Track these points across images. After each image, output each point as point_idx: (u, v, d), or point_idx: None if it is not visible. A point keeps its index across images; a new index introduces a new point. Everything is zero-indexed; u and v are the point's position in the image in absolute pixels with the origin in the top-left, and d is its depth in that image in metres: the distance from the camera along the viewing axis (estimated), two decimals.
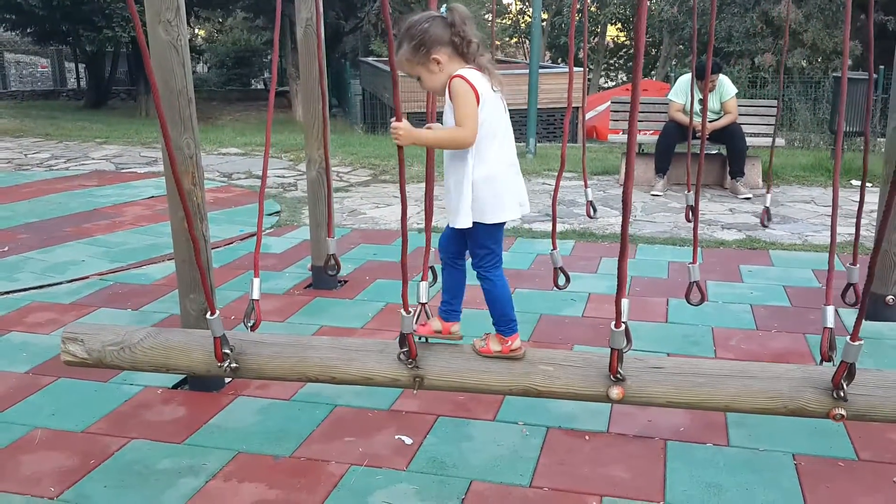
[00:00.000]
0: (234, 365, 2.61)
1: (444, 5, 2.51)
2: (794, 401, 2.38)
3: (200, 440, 3.14)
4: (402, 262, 2.42)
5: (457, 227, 2.52)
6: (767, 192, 3.73)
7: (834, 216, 2.79)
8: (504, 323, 2.62)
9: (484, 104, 2.43)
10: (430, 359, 2.57)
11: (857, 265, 3.07)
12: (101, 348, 2.75)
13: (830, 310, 2.57)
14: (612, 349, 2.39)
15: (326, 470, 2.92)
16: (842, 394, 2.32)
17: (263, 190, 3.01)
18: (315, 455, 3.02)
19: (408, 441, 3.11)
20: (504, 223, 2.61)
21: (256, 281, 2.87)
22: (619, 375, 2.41)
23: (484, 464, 2.95)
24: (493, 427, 3.22)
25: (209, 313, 2.57)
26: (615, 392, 2.43)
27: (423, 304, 2.74)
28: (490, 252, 2.61)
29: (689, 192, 3.72)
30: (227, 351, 2.61)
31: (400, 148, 2.37)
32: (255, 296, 2.87)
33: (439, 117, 2.60)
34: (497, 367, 2.54)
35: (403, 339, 2.53)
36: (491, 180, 2.49)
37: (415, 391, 2.59)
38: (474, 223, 2.51)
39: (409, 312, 2.45)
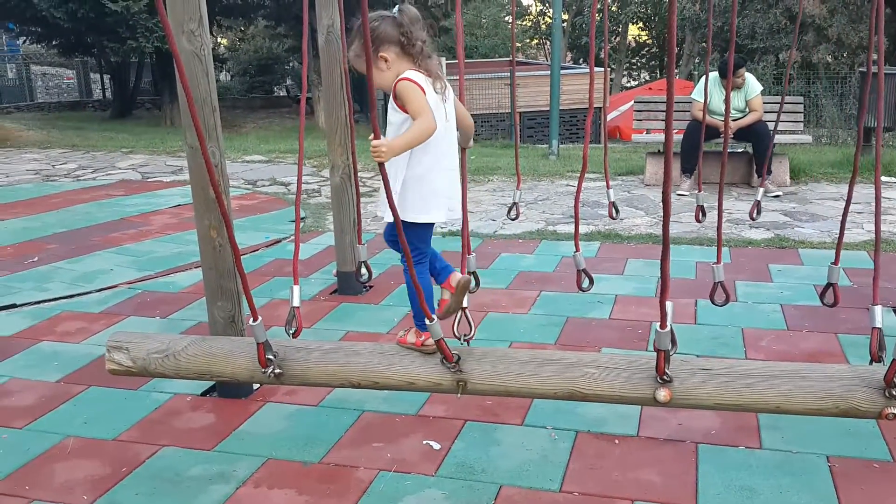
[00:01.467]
0: (277, 371, 2.61)
1: (396, 7, 2.58)
2: (845, 401, 2.33)
3: (230, 447, 3.16)
4: (411, 274, 2.38)
5: (384, 219, 2.62)
6: (760, 186, 3.68)
7: (877, 212, 2.69)
8: (420, 318, 2.63)
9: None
10: (472, 363, 2.54)
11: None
12: (145, 356, 2.77)
13: (878, 309, 2.51)
14: (658, 350, 2.35)
15: (355, 476, 2.92)
16: (895, 392, 2.28)
17: (299, 199, 3.02)
18: (344, 461, 3.02)
19: (436, 446, 3.11)
20: (431, 224, 2.66)
21: (296, 288, 2.88)
22: (666, 377, 2.38)
23: (513, 469, 2.93)
24: (522, 431, 3.20)
25: (251, 319, 2.58)
26: (662, 394, 2.38)
27: (463, 309, 2.70)
28: (414, 249, 2.63)
29: (699, 191, 3.69)
30: (271, 357, 2.61)
31: (381, 165, 2.29)
32: (296, 303, 2.88)
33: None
34: (541, 371, 2.50)
35: (437, 347, 2.51)
36: (421, 181, 2.56)
37: (458, 395, 2.57)
38: (407, 221, 2.57)
39: (431, 320, 2.43)
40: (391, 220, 2.47)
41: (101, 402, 3.59)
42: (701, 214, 3.81)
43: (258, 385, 3.64)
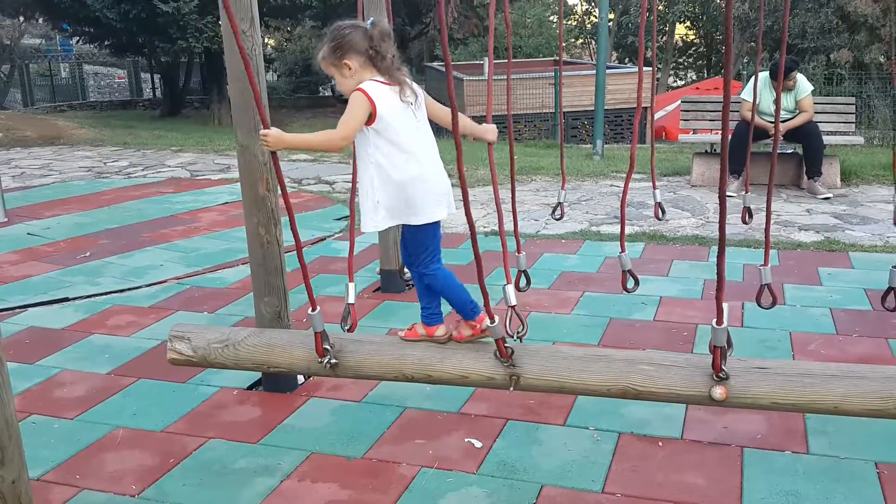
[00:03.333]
0: (333, 361, 2.66)
1: (371, 19, 2.67)
2: None
3: (275, 440, 3.21)
4: (479, 279, 2.42)
5: (380, 229, 2.71)
6: (746, 192, 3.62)
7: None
8: (467, 309, 2.70)
9: (381, 117, 2.56)
10: (525, 357, 2.55)
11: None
12: (206, 346, 2.83)
13: None
14: (714, 347, 2.33)
15: (398, 472, 2.94)
16: None
17: (353, 197, 3.05)
18: (386, 457, 3.05)
19: (477, 444, 3.12)
20: (431, 224, 2.71)
21: (351, 285, 2.92)
22: (722, 375, 2.35)
23: (555, 468, 2.93)
24: (564, 432, 3.20)
25: (310, 309, 2.63)
26: (718, 392, 2.36)
27: (512, 307, 2.71)
28: (425, 249, 2.73)
29: (746, 192, 3.64)
30: (328, 347, 2.66)
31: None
32: (351, 300, 2.92)
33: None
34: (595, 367, 2.50)
35: (495, 345, 2.53)
36: (406, 186, 2.61)
37: (510, 389, 2.58)
38: (402, 226, 2.70)
39: (493, 321, 2.45)
40: (384, 227, 2.67)
41: (149, 394, 3.67)
42: (747, 216, 3.75)
43: (303, 380, 3.69)
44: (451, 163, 2.38)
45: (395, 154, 2.60)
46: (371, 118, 2.55)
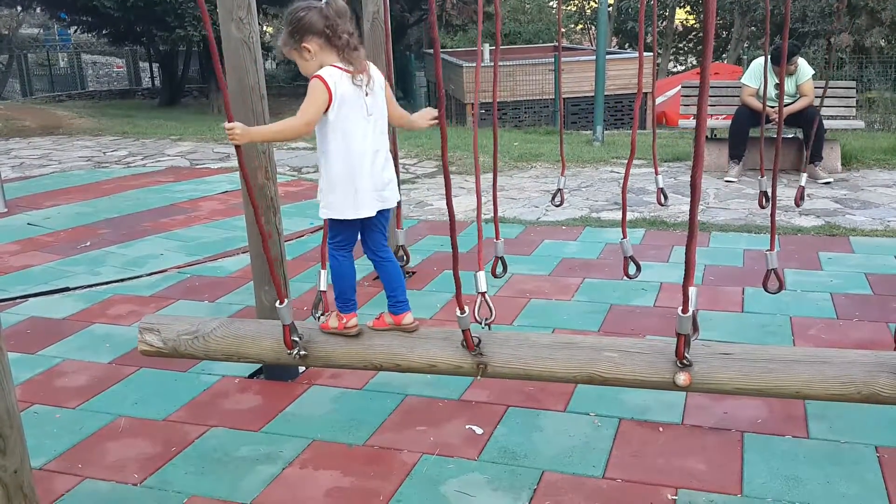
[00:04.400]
0: (303, 352, 2.66)
1: None
2: (868, 386, 2.29)
3: (277, 428, 3.22)
4: (454, 270, 2.42)
5: (320, 216, 2.74)
6: (762, 176, 3.60)
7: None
8: (343, 301, 2.74)
9: (341, 104, 2.55)
10: (493, 346, 2.56)
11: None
12: (175, 337, 2.83)
13: None
14: (678, 334, 2.34)
15: (399, 458, 2.95)
16: None
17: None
18: (387, 444, 3.06)
19: (478, 431, 3.12)
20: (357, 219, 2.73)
21: (324, 273, 2.92)
22: (685, 361, 2.37)
23: (555, 454, 2.94)
24: (564, 418, 3.20)
25: (278, 302, 2.63)
26: (682, 378, 2.38)
27: (482, 294, 2.72)
28: (339, 234, 2.78)
29: (762, 177, 3.61)
30: (296, 339, 2.66)
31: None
32: (323, 287, 2.93)
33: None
34: (561, 355, 2.52)
35: (463, 336, 2.54)
36: (348, 179, 2.63)
37: (478, 378, 2.60)
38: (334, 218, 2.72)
39: (463, 312, 2.46)
40: (324, 216, 2.72)
41: (151, 383, 3.67)
42: (764, 200, 3.71)
43: (304, 368, 3.70)
44: (452, 148, 2.37)
45: (346, 142, 2.61)
46: (328, 105, 2.54)
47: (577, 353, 2.52)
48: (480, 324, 2.66)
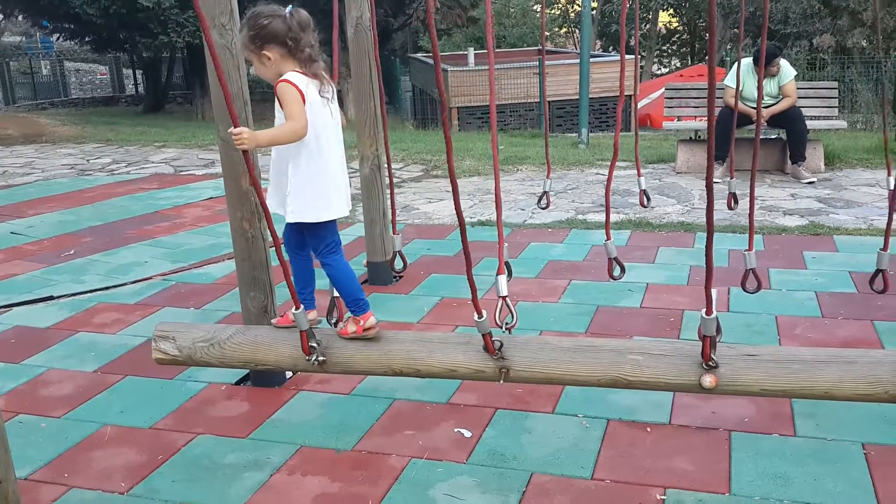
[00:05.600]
0: (321, 358, 2.65)
1: (290, 6, 2.65)
2: None
3: (264, 434, 3.20)
4: (468, 272, 2.42)
5: (288, 221, 2.75)
6: (731, 178, 3.64)
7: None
8: (353, 303, 2.75)
9: (311, 108, 2.61)
10: (514, 350, 2.55)
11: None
12: (191, 345, 2.81)
13: None
14: (703, 336, 2.34)
15: (387, 463, 2.94)
16: None
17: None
18: (376, 448, 3.05)
19: (467, 434, 3.12)
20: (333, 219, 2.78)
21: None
22: (712, 363, 2.36)
23: (544, 456, 2.94)
24: (553, 420, 3.21)
25: (294, 308, 2.62)
26: (708, 380, 2.36)
27: (503, 298, 2.71)
28: (322, 240, 2.79)
29: (731, 178, 3.65)
30: (314, 345, 2.65)
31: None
32: (336, 293, 2.92)
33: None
34: (584, 358, 2.50)
35: (483, 340, 2.53)
36: (321, 180, 2.68)
37: (500, 382, 2.58)
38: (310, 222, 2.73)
39: (481, 316, 2.44)
40: (291, 220, 2.71)
41: (137, 391, 3.65)
42: (733, 202, 3.77)
43: (291, 374, 3.68)
44: (437, 154, 2.37)
45: (316, 148, 2.65)
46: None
47: (600, 356, 2.50)
48: (502, 328, 2.66)
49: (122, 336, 4.30)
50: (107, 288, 5.14)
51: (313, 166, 2.65)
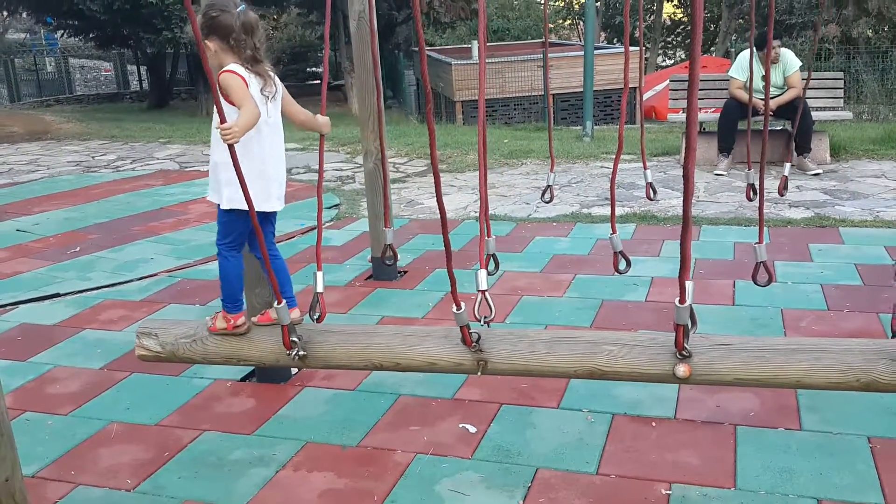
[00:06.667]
0: (301, 353, 2.65)
1: (243, 5, 2.68)
2: (866, 374, 2.30)
3: (270, 431, 3.21)
4: (448, 267, 2.43)
5: (222, 207, 2.75)
6: (749, 169, 3.61)
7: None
8: (231, 301, 2.80)
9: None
10: (493, 342, 2.56)
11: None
12: (174, 341, 2.82)
13: None
14: (676, 325, 2.34)
15: (393, 459, 2.95)
16: None
17: (321, 184, 3.04)
18: (381, 444, 3.06)
19: (472, 429, 3.12)
20: (249, 215, 2.72)
21: (320, 274, 2.91)
22: (685, 352, 2.36)
23: (549, 451, 2.94)
24: (557, 415, 3.21)
25: (276, 302, 2.62)
26: (682, 370, 2.37)
27: (482, 292, 2.71)
28: (233, 231, 2.81)
29: (749, 170, 3.63)
30: (296, 339, 2.66)
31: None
32: (320, 289, 2.91)
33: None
34: (560, 349, 2.51)
35: (460, 332, 2.54)
36: (260, 174, 2.70)
37: (478, 374, 2.59)
38: (230, 209, 2.73)
39: (460, 309, 2.45)
40: (225, 207, 2.73)
41: (143, 388, 3.66)
42: (752, 192, 3.72)
43: (296, 370, 3.69)
44: (442, 147, 2.36)
45: (259, 135, 2.68)
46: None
47: (576, 348, 2.51)
48: (480, 322, 2.66)
49: (128, 333, 4.31)
50: (112, 285, 5.15)
51: (252, 156, 2.69)
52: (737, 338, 2.53)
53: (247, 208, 2.69)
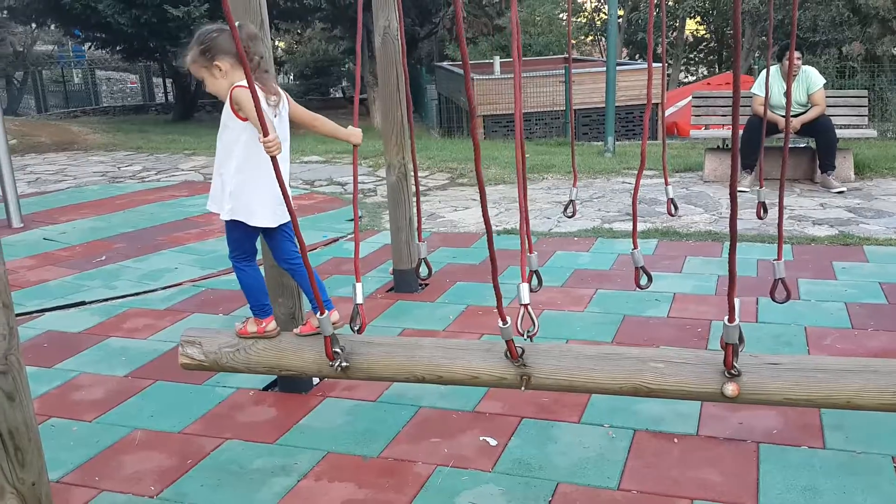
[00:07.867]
0: (344, 364, 2.67)
1: (237, 23, 2.67)
2: None
3: (291, 440, 3.23)
4: (494, 280, 2.42)
5: (223, 218, 2.83)
6: (761, 187, 3.60)
7: None
8: (258, 307, 2.90)
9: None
10: (537, 357, 2.55)
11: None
12: (217, 350, 2.85)
13: None
14: (726, 344, 2.33)
15: (413, 470, 2.96)
16: None
17: (356, 197, 3.06)
18: (402, 455, 3.06)
19: (492, 442, 3.12)
20: (261, 227, 2.86)
21: (359, 286, 2.92)
22: (734, 371, 2.35)
23: (570, 466, 2.93)
24: (578, 429, 3.20)
25: (319, 314, 2.65)
26: (730, 389, 2.35)
27: (525, 306, 2.71)
28: (241, 246, 2.90)
29: (761, 187, 3.63)
30: (338, 350, 2.67)
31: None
32: (359, 300, 2.93)
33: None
34: (606, 366, 2.49)
35: (506, 346, 2.54)
36: (266, 187, 2.71)
37: (522, 389, 2.58)
38: (237, 221, 2.82)
39: (505, 323, 2.44)
40: (226, 217, 2.81)
41: (166, 396, 3.69)
42: (762, 211, 3.74)
43: (318, 380, 3.71)
44: (463, 161, 2.38)
45: (254, 155, 2.70)
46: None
47: (622, 364, 2.49)
48: (523, 335, 2.67)
49: (152, 341, 4.35)
50: (137, 294, 5.21)
51: (260, 171, 2.69)
52: (786, 357, 2.51)
53: (257, 224, 2.80)
